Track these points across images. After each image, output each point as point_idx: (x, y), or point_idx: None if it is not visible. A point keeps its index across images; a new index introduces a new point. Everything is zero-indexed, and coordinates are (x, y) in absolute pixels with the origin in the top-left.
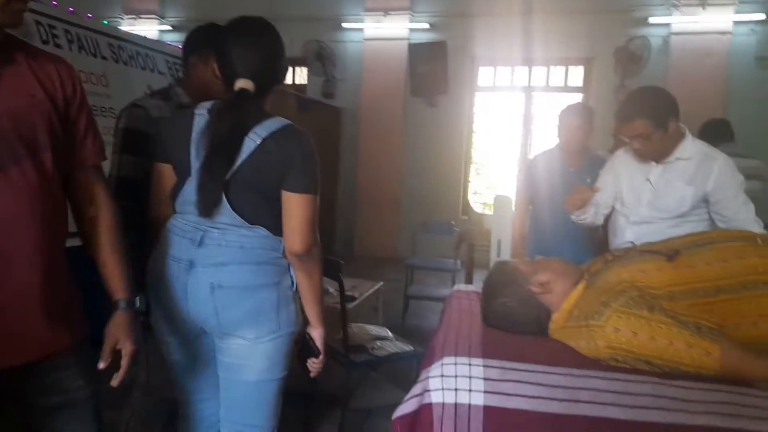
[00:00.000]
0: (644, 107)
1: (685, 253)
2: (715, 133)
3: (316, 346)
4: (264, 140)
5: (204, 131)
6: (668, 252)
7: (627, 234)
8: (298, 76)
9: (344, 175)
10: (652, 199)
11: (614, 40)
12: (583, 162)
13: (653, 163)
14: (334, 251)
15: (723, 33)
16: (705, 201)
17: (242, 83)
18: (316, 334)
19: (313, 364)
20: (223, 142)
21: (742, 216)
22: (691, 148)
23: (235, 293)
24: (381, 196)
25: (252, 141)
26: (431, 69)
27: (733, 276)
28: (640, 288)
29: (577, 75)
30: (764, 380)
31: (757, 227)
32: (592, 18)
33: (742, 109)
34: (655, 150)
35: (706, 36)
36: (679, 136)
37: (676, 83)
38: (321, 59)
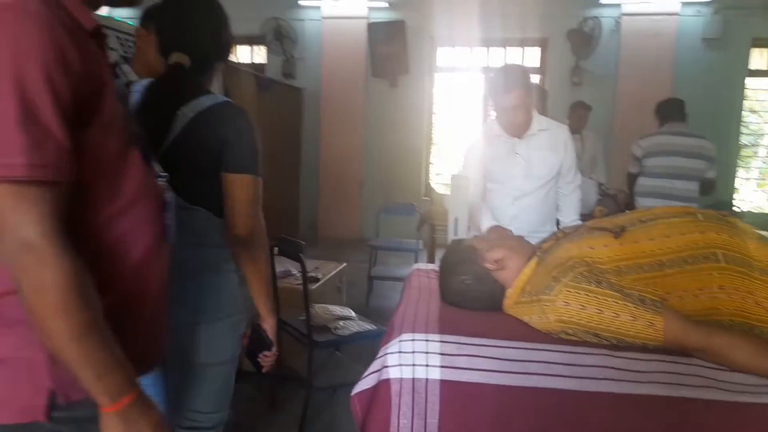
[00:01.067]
0: (522, 77)
1: (630, 229)
2: (670, 111)
3: (268, 338)
4: (196, 116)
5: (137, 108)
6: (614, 228)
7: (509, 210)
8: (256, 54)
9: (306, 157)
10: (526, 171)
11: (568, 21)
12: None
13: (515, 139)
14: (297, 233)
15: (671, 14)
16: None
17: (176, 57)
18: (267, 325)
19: (265, 358)
20: (152, 118)
21: (576, 183)
22: (543, 120)
23: (173, 273)
24: (343, 178)
25: (184, 116)
26: (391, 49)
27: (675, 251)
28: (588, 263)
29: (534, 56)
30: (703, 350)
31: (578, 195)
32: None
33: (689, 89)
34: (526, 121)
35: (655, 17)
36: (532, 110)
37: (627, 63)
38: (279, 38)
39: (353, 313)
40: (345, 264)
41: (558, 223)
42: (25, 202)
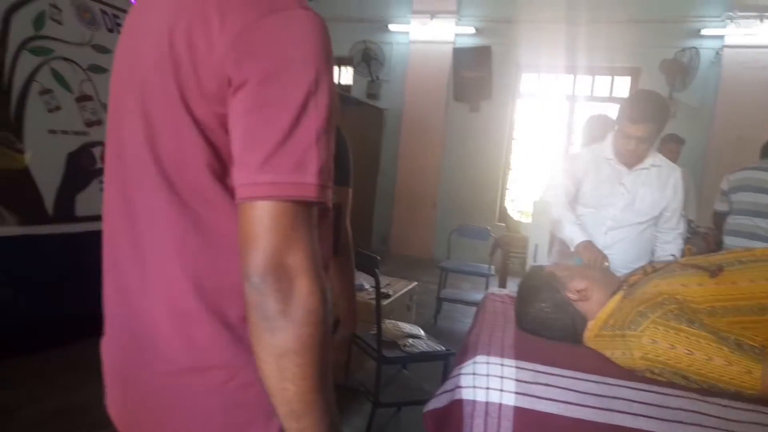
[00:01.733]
0: (655, 110)
1: (729, 269)
2: None
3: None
4: None
5: None
6: (711, 267)
7: (601, 239)
8: (343, 76)
9: (384, 175)
10: (627, 204)
11: (663, 51)
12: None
13: (624, 169)
14: (369, 248)
15: None
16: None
17: None
18: (347, 329)
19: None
20: None
21: (679, 231)
22: (658, 156)
23: None
24: (419, 197)
25: None
26: (475, 74)
27: None
28: (679, 301)
29: (623, 85)
30: None
31: (679, 245)
32: (641, 28)
33: None
34: (641, 154)
35: (761, 50)
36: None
37: (726, 96)
38: (367, 60)
39: (422, 332)
40: (416, 283)
41: None
42: (303, 227)
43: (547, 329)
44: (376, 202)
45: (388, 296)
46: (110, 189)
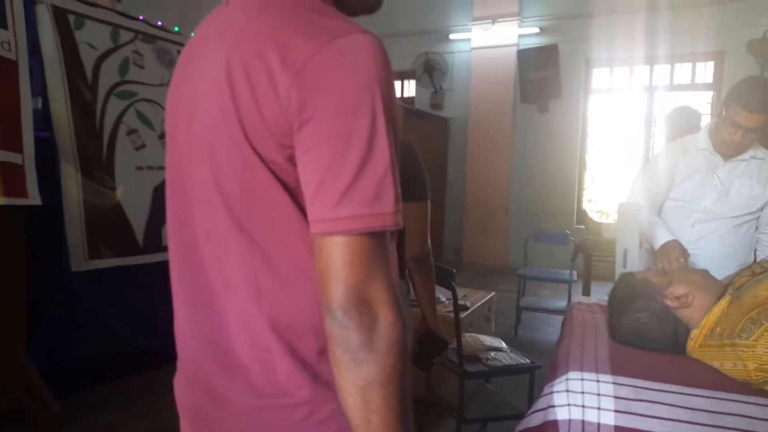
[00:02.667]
0: None
1: None
2: None
3: (442, 338)
4: None
5: None
6: None
7: (687, 233)
8: (406, 88)
9: (452, 184)
10: (720, 196)
11: (749, 30)
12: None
13: (719, 159)
14: (442, 259)
15: None
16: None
17: None
18: (435, 329)
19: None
20: None
21: None
22: (760, 149)
23: None
24: (490, 204)
25: None
26: (542, 74)
27: None
28: None
29: (706, 71)
30: None
31: None
32: (721, 9)
33: None
34: (746, 145)
35: None
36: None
37: None
38: (430, 71)
39: (504, 345)
40: (494, 293)
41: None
42: (381, 257)
43: (646, 341)
44: (446, 213)
45: (466, 308)
46: (173, 228)
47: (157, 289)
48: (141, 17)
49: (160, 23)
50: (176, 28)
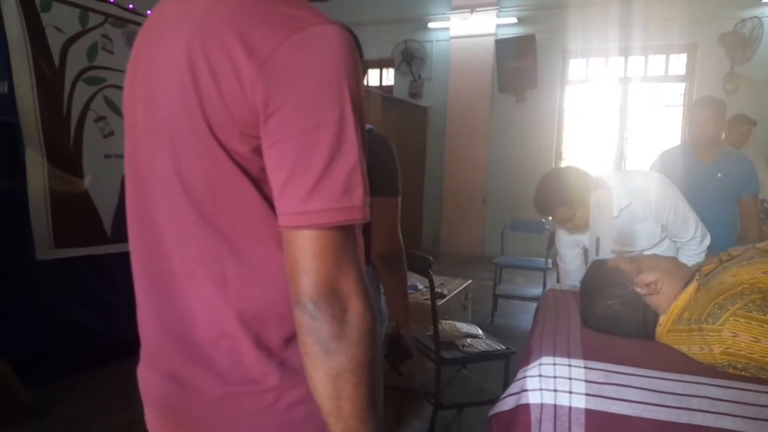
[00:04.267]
0: (559, 193)
1: None
2: None
3: (409, 347)
4: None
5: None
6: None
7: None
8: (385, 77)
9: (430, 173)
10: (625, 243)
11: (721, 23)
12: (715, 155)
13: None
14: (420, 248)
15: None
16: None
17: None
18: (407, 335)
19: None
20: None
21: (683, 234)
22: (623, 196)
23: None
24: (467, 193)
25: None
26: (519, 64)
27: None
28: (762, 290)
29: (679, 63)
30: None
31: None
32: (694, 2)
33: None
34: (587, 222)
35: None
36: (607, 196)
37: None
38: (408, 59)
39: (480, 331)
40: (470, 281)
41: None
42: (351, 250)
43: (616, 327)
44: (424, 202)
45: (443, 296)
46: (134, 218)
47: (125, 279)
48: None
49: (131, 6)
50: (148, 11)
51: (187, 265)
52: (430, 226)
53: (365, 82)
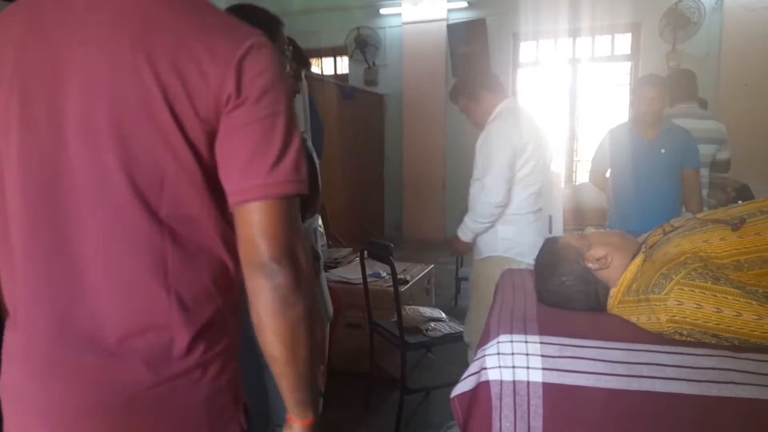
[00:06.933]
0: (463, 87)
1: (751, 220)
2: (679, 89)
3: None
4: None
5: None
6: (732, 221)
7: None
8: (340, 66)
9: (390, 160)
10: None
11: (664, 1)
12: (659, 131)
13: None
14: (383, 235)
15: None
16: None
17: None
18: None
19: None
20: None
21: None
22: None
23: None
24: (427, 179)
25: None
26: (471, 48)
27: None
28: (703, 258)
29: (624, 43)
30: None
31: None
32: None
33: None
34: (476, 122)
35: None
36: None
37: (731, 42)
38: (362, 47)
39: (444, 315)
40: (432, 266)
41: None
42: (297, 216)
43: (570, 302)
44: (385, 189)
45: (405, 282)
46: (27, 226)
47: None
48: None
49: None
50: None
51: (114, 261)
52: (391, 213)
53: (320, 71)
